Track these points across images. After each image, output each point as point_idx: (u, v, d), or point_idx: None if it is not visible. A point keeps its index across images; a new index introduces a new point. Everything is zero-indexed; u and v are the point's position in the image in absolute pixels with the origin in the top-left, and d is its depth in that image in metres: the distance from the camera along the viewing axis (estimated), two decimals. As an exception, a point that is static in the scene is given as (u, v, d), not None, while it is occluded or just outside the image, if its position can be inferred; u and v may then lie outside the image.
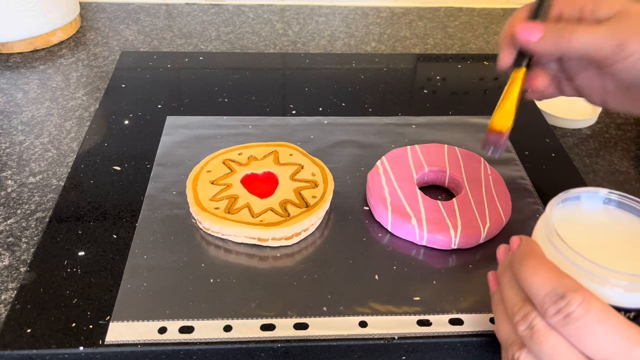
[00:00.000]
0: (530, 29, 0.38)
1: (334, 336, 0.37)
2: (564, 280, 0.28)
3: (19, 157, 0.55)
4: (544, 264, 0.30)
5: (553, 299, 0.28)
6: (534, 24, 0.38)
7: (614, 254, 0.31)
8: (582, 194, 0.34)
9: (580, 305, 0.27)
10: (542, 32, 0.38)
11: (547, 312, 0.28)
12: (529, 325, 0.29)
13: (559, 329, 0.28)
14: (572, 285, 0.28)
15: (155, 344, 0.36)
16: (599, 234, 0.33)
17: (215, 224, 0.42)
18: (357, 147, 0.53)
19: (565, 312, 0.27)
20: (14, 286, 0.42)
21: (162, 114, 0.56)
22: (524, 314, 0.29)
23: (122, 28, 0.78)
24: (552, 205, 0.33)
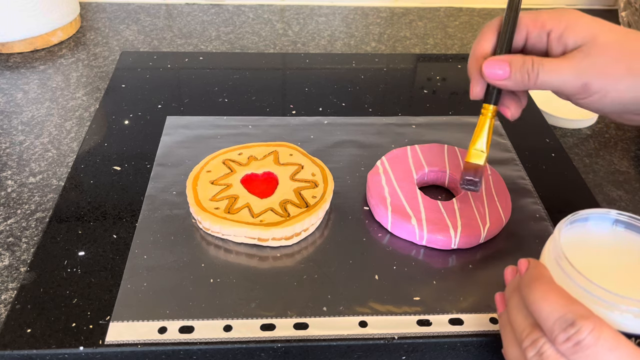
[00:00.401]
0: (496, 67, 0.37)
1: (334, 336, 0.37)
2: (574, 307, 0.28)
3: (19, 157, 0.54)
4: (553, 289, 0.29)
5: (563, 325, 0.27)
6: (500, 61, 0.38)
7: (623, 278, 0.31)
8: (590, 216, 0.34)
9: (591, 333, 0.27)
10: (508, 72, 0.37)
11: (556, 339, 0.28)
12: (538, 352, 0.29)
13: (568, 356, 0.28)
14: (582, 312, 0.28)
15: (155, 344, 0.36)
16: (608, 257, 0.33)
17: (215, 224, 0.42)
18: (357, 147, 0.53)
19: (576, 340, 0.27)
20: (14, 286, 0.42)
21: (162, 114, 0.56)
22: (533, 340, 0.29)
23: (122, 28, 0.78)
24: (560, 227, 0.32)
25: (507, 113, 0.40)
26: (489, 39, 0.40)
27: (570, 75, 0.36)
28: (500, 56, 0.38)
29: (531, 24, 0.38)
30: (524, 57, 0.37)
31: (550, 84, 0.37)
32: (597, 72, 0.36)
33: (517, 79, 0.37)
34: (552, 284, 0.30)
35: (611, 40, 0.36)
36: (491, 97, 0.40)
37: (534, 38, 0.39)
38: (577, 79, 0.36)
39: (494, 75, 0.38)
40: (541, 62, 0.37)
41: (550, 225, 0.46)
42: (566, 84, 0.37)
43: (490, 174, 0.48)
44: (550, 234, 0.44)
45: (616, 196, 0.54)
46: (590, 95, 0.36)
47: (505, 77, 0.37)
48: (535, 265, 0.32)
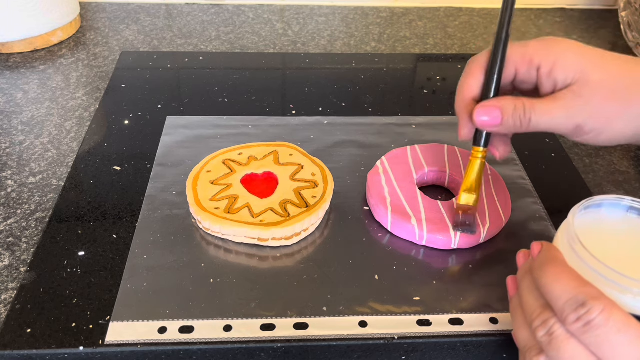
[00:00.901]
0: (487, 114, 0.37)
1: (334, 336, 0.37)
2: (586, 288, 0.28)
3: (19, 157, 0.54)
4: (565, 271, 0.29)
5: (573, 306, 0.28)
6: (491, 107, 0.37)
7: (635, 263, 0.31)
8: (604, 202, 0.34)
9: (602, 313, 0.27)
10: (500, 119, 0.37)
11: (567, 319, 0.28)
12: (548, 332, 0.29)
13: (578, 336, 0.28)
14: (593, 293, 0.28)
15: (155, 344, 0.36)
16: (621, 242, 0.33)
17: (215, 224, 0.42)
18: (357, 147, 0.53)
19: (586, 320, 0.27)
20: (14, 286, 0.42)
21: (162, 114, 0.56)
22: (544, 320, 0.29)
23: (122, 28, 0.78)
24: (574, 212, 0.33)
25: (496, 154, 0.40)
26: (476, 77, 0.38)
27: (562, 118, 0.36)
28: (490, 102, 0.37)
29: (519, 60, 0.37)
30: (515, 101, 0.36)
31: (543, 127, 0.36)
32: (589, 114, 0.35)
33: (509, 125, 0.37)
34: (564, 265, 0.30)
35: (603, 77, 0.35)
36: (480, 139, 0.39)
37: (522, 74, 0.38)
38: (570, 121, 0.36)
39: (486, 122, 0.37)
40: (533, 107, 0.36)
41: (550, 225, 0.46)
42: (559, 127, 0.36)
43: (490, 174, 0.48)
44: (550, 234, 0.45)
45: (616, 196, 0.53)
46: (585, 134, 0.36)
47: (497, 123, 0.37)
48: (549, 248, 0.32)
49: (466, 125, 0.39)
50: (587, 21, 0.85)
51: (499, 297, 0.40)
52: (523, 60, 0.37)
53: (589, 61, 0.35)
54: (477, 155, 0.40)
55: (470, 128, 0.39)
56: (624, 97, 0.35)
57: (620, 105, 0.35)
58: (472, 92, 0.39)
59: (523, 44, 0.38)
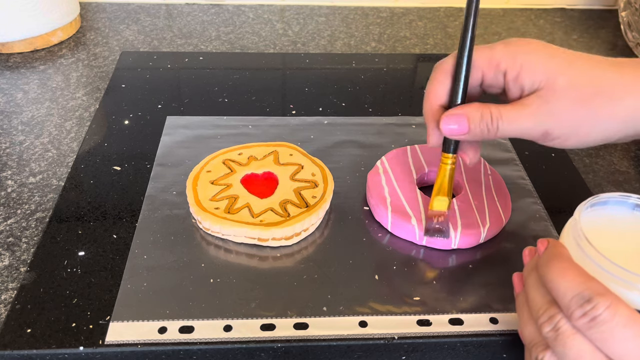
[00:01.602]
0: (454, 123, 0.36)
1: (334, 336, 0.37)
2: (591, 284, 0.28)
3: (19, 157, 0.54)
4: (571, 267, 0.30)
5: (579, 302, 0.28)
6: (457, 116, 0.36)
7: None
8: (610, 199, 0.34)
9: (607, 309, 0.27)
10: (467, 128, 0.36)
11: (573, 314, 0.28)
12: (554, 327, 0.29)
13: (584, 332, 0.28)
14: (599, 289, 0.28)
15: (155, 344, 0.36)
16: (627, 239, 0.33)
17: (215, 224, 0.42)
18: (357, 147, 0.53)
19: (592, 316, 0.27)
20: (14, 286, 0.42)
21: (162, 114, 0.56)
22: (550, 315, 0.30)
23: (122, 28, 0.78)
24: (580, 209, 0.33)
25: (466, 159, 0.40)
26: (442, 82, 0.38)
27: (529, 124, 0.35)
28: (457, 109, 0.37)
29: (486, 65, 0.37)
30: (482, 108, 0.36)
31: (510, 133, 0.36)
32: (555, 120, 0.35)
33: (476, 133, 0.36)
34: (570, 262, 0.30)
35: (569, 83, 0.35)
36: (449, 146, 0.39)
37: (489, 79, 0.37)
38: (537, 127, 0.35)
39: (453, 131, 0.37)
40: (500, 114, 0.36)
41: (550, 225, 0.46)
42: (526, 133, 0.36)
43: (490, 174, 0.48)
44: (550, 234, 0.45)
45: (616, 196, 0.54)
46: (552, 140, 0.36)
47: (464, 132, 0.37)
48: (555, 245, 0.32)
49: (434, 132, 0.39)
50: (587, 21, 0.85)
51: (499, 297, 0.40)
52: (490, 65, 0.37)
53: (555, 66, 0.35)
54: (446, 162, 0.40)
55: (438, 135, 0.39)
56: (590, 103, 0.34)
57: (587, 112, 0.34)
58: (439, 98, 0.38)
59: (489, 47, 0.37)
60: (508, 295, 0.40)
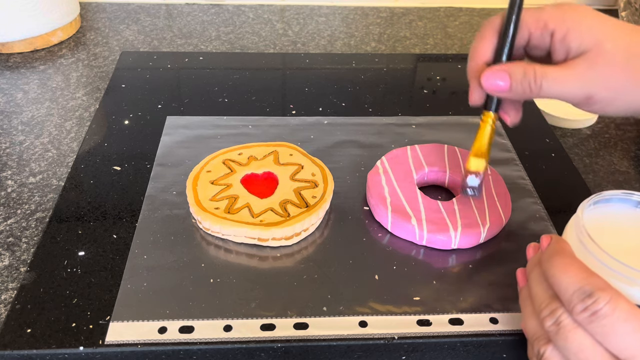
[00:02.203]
0: (496, 78, 0.36)
1: (334, 336, 0.37)
2: (593, 279, 0.29)
3: (19, 157, 0.55)
4: (573, 263, 0.30)
5: (581, 296, 0.28)
6: (500, 72, 0.36)
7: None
8: (613, 197, 0.35)
9: (608, 303, 0.28)
10: (509, 84, 0.36)
11: (574, 309, 0.29)
12: (556, 321, 0.30)
13: (585, 326, 0.28)
14: (600, 284, 0.28)
15: (155, 344, 0.36)
16: (629, 237, 0.34)
17: (215, 224, 0.42)
18: (357, 147, 0.53)
19: (592, 310, 0.28)
20: (14, 286, 0.42)
21: (162, 114, 0.56)
22: (551, 310, 0.30)
23: (122, 28, 0.78)
24: (583, 206, 0.33)
25: (507, 119, 0.39)
26: (489, 40, 0.38)
27: (574, 86, 0.35)
28: (500, 66, 0.37)
29: (533, 24, 0.37)
30: (525, 66, 0.36)
31: (553, 94, 0.36)
32: (602, 84, 0.35)
33: (518, 91, 0.36)
34: (572, 257, 0.31)
35: (617, 48, 0.34)
36: (491, 104, 0.38)
37: (536, 39, 0.37)
38: (581, 90, 0.35)
39: (494, 86, 0.36)
40: (544, 73, 0.35)
41: (550, 225, 0.46)
42: (569, 95, 0.36)
43: (490, 174, 0.48)
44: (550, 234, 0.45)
45: (616, 196, 0.54)
46: (594, 104, 0.36)
47: (506, 89, 0.36)
48: (557, 241, 0.32)
49: (476, 89, 0.38)
50: (587, 21, 0.84)
51: (499, 297, 0.40)
52: (537, 24, 0.37)
53: (604, 30, 0.35)
54: (487, 120, 0.39)
55: (480, 93, 0.38)
56: (634, 69, 0.34)
57: (633, 77, 0.34)
58: (484, 55, 0.38)
59: (538, 8, 0.37)
60: (508, 295, 0.40)
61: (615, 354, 0.28)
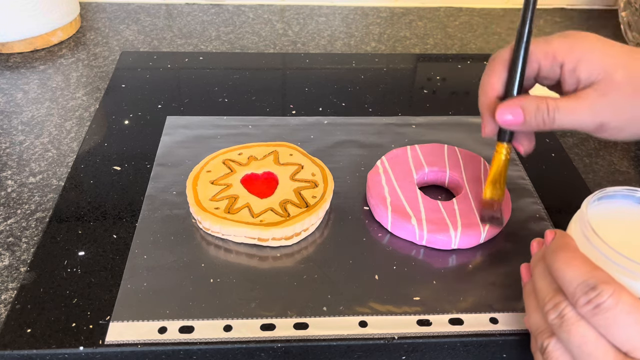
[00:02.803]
0: (510, 113, 0.37)
1: (334, 336, 0.37)
2: (596, 272, 0.29)
3: (19, 157, 0.55)
4: (577, 256, 0.30)
5: (584, 289, 0.29)
6: (513, 107, 0.37)
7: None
8: (617, 194, 0.35)
9: (611, 296, 0.28)
10: (522, 118, 0.36)
11: (577, 302, 0.29)
12: (559, 315, 0.30)
13: (588, 319, 0.29)
14: (603, 278, 0.29)
15: (155, 344, 0.36)
16: (633, 232, 0.34)
17: (215, 224, 0.42)
18: (357, 147, 0.53)
19: (596, 303, 0.28)
20: (14, 286, 0.42)
21: (162, 114, 0.56)
22: (555, 303, 0.30)
23: (122, 28, 0.78)
24: (587, 201, 0.34)
25: (521, 149, 0.40)
26: (499, 74, 0.38)
27: (586, 116, 0.36)
28: (512, 101, 0.37)
29: (542, 56, 0.37)
30: (538, 100, 0.36)
31: (566, 125, 0.36)
32: (613, 113, 0.35)
33: (532, 124, 0.37)
34: (576, 251, 0.31)
35: (626, 77, 0.35)
36: (504, 136, 0.39)
37: (545, 70, 0.37)
38: (593, 119, 0.36)
39: (508, 121, 0.37)
40: (557, 107, 0.36)
41: (550, 225, 0.46)
42: (582, 125, 0.36)
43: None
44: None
45: (616, 196, 0.54)
46: (606, 131, 0.36)
47: (520, 122, 0.37)
48: (562, 235, 0.33)
49: (489, 122, 0.39)
50: (587, 21, 0.85)
51: (499, 297, 0.40)
52: (546, 57, 0.37)
53: (613, 59, 0.35)
54: (501, 151, 0.40)
55: (493, 126, 0.39)
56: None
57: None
58: (496, 90, 0.38)
59: (546, 39, 0.37)
60: (508, 295, 0.40)
61: (618, 346, 0.28)
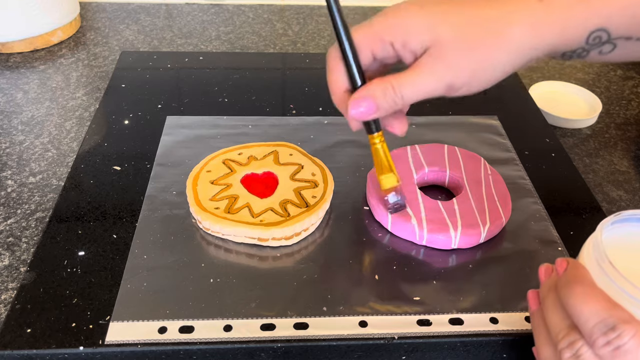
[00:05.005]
0: (361, 105, 0.36)
1: (334, 336, 0.37)
2: (616, 311, 0.27)
3: (19, 157, 0.55)
4: (594, 292, 0.29)
5: (603, 329, 0.27)
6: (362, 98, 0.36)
7: None
8: (633, 217, 0.33)
9: (633, 338, 0.27)
10: (374, 106, 0.36)
11: (595, 342, 0.27)
12: (575, 354, 0.28)
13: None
14: (624, 317, 0.27)
15: (155, 344, 0.36)
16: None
17: (215, 224, 0.42)
18: (357, 147, 0.53)
19: (616, 345, 0.27)
20: (14, 286, 0.42)
21: (162, 114, 0.56)
22: (570, 341, 0.29)
23: (122, 28, 0.78)
24: (602, 227, 0.32)
25: (395, 131, 0.39)
26: (338, 70, 0.37)
27: (430, 84, 0.35)
28: (359, 92, 0.36)
29: (370, 42, 0.36)
30: (382, 83, 0.35)
31: (417, 97, 0.36)
32: (453, 72, 0.35)
33: (385, 108, 0.36)
34: (593, 286, 0.29)
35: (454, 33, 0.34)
36: (371, 127, 0.39)
37: (380, 53, 0.36)
38: (438, 84, 0.35)
39: (363, 114, 0.36)
40: (399, 83, 0.35)
41: (550, 225, 0.46)
42: (432, 92, 0.35)
43: (491, 174, 0.48)
44: (550, 234, 0.45)
45: (616, 196, 0.54)
46: (457, 90, 0.36)
47: (374, 111, 0.36)
48: (575, 266, 0.31)
49: (351, 119, 0.38)
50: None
51: (499, 297, 0.40)
52: (374, 40, 0.36)
53: (438, 20, 0.35)
54: (374, 142, 0.40)
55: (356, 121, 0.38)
56: (480, 46, 0.34)
57: (480, 55, 0.34)
58: (342, 85, 0.38)
59: (369, 23, 0.36)
60: (508, 295, 0.40)
61: None
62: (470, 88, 0.36)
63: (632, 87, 0.71)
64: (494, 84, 0.36)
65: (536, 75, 0.72)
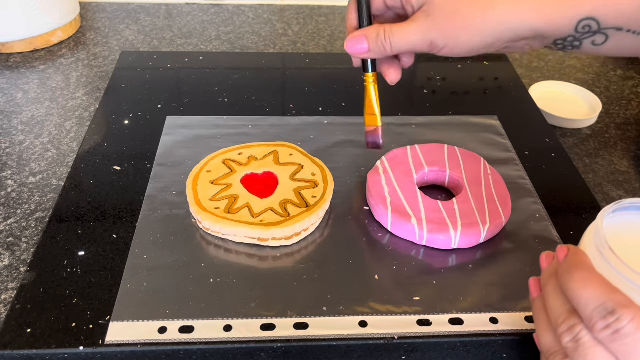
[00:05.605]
0: (356, 43, 0.41)
1: (334, 336, 0.37)
2: (615, 295, 0.28)
3: (19, 157, 0.55)
4: (593, 277, 0.29)
5: (602, 313, 0.27)
6: (358, 37, 0.41)
7: None
8: (633, 205, 0.33)
9: (631, 322, 0.27)
10: (367, 46, 0.40)
11: (595, 326, 0.28)
12: (575, 338, 0.29)
13: (606, 344, 0.28)
14: (623, 301, 0.27)
15: (155, 344, 0.36)
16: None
17: (215, 224, 0.42)
18: (357, 147, 0.53)
19: (615, 328, 0.27)
20: (14, 286, 0.42)
21: (162, 114, 0.56)
22: (570, 325, 0.29)
23: (122, 28, 0.78)
24: (603, 215, 0.32)
25: (387, 78, 0.43)
26: (353, 11, 0.42)
27: (417, 37, 0.39)
28: (358, 31, 0.41)
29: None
30: (378, 28, 0.40)
31: (403, 48, 0.40)
32: (437, 31, 0.38)
33: (376, 50, 0.40)
34: (592, 271, 0.30)
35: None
36: (367, 66, 0.43)
37: (390, 1, 0.41)
38: (422, 39, 0.39)
39: (356, 50, 0.41)
40: (391, 31, 0.39)
41: (550, 225, 0.46)
42: (415, 45, 0.39)
43: (491, 174, 0.48)
44: (550, 234, 0.45)
45: (616, 196, 0.54)
46: (440, 49, 0.39)
47: (365, 50, 0.41)
48: (575, 252, 0.31)
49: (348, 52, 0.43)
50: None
51: (499, 297, 0.40)
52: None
53: None
54: (368, 81, 0.44)
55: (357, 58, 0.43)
56: (464, 13, 0.37)
57: (463, 21, 0.37)
58: (353, 24, 0.42)
59: None
60: (508, 295, 0.40)
61: None
62: (452, 50, 0.39)
63: (632, 87, 0.71)
64: (476, 53, 0.39)
65: (536, 75, 0.72)
